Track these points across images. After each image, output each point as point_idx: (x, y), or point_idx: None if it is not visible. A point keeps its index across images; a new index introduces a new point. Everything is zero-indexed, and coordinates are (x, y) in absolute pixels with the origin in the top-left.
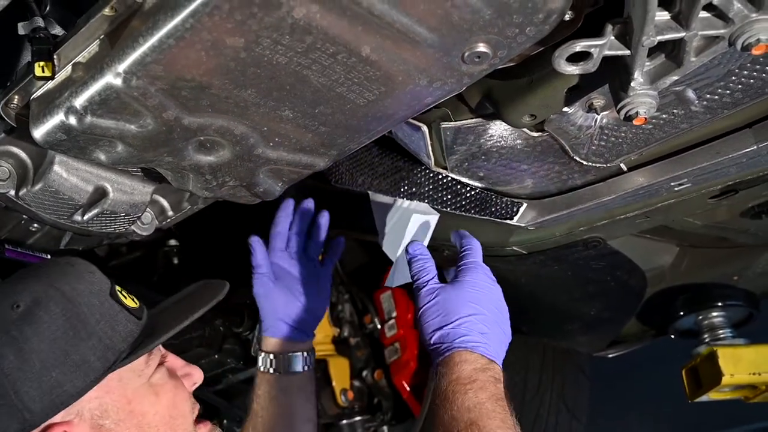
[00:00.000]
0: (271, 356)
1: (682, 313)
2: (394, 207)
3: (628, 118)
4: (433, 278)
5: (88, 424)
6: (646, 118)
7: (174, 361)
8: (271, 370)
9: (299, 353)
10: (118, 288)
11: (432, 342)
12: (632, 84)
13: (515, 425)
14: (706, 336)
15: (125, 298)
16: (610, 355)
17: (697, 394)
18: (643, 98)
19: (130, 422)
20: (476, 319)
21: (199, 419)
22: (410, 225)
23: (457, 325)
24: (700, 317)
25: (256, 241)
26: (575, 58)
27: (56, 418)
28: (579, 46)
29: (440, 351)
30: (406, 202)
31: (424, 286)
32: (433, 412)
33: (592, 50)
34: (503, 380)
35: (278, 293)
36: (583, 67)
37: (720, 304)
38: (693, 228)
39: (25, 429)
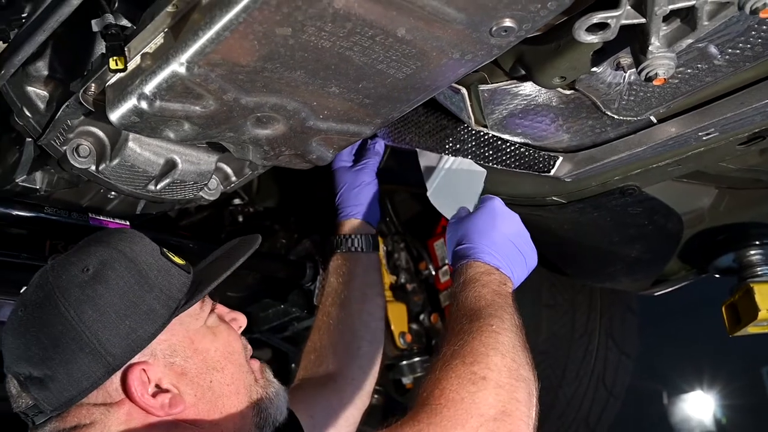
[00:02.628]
0: (353, 236)
1: (721, 252)
2: (440, 163)
3: (649, 79)
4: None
5: (162, 363)
6: (665, 79)
7: (221, 308)
8: (353, 249)
9: (372, 235)
10: (165, 249)
11: (452, 261)
12: (650, 48)
13: (515, 314)
14: (744, 273)
15: (173, 256)
16: (656, 294)
17: (736, 328)
18: (661, 60)
19: (196, 358)
20: (485, 237)
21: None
22: (461, 180)
23: (468, 242)
24: (739, 255)
25: None
26: (595, 28)
27: (134, 360)
28: (597, 17)
29: (454, 264)
30: (451, 159)
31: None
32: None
33: (609, 20)
34: (511, 287)
35: (350, 186)
36: (602, 36)
37: (757, 242)
38: (727, 172)
39: (109, 371)
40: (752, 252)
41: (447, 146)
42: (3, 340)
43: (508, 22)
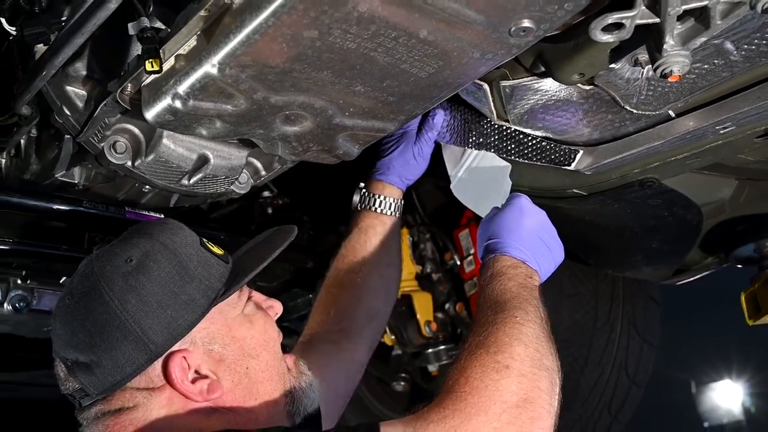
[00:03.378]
0: (383, 197)
1: (741, 242)
2: (464, 157)
3: (664, 76)
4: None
5: (201, 350)
6: (680, 76)
7: (258, 296)
8: (389, 213)
9: (400, 200)
10: (204, 240)
11: (481, 256)
12: (665, 46)
13: (540, 307)
14: (764, 263)
15: (212, 247)
16: (678, 283)
17: (756, 317)
18: (676, 58)
19: (234, 346)
20: (513, 232)
21: (285, 353)
22: (485, 174)
23: (496, 237)
24: (759, 245)
25: None
26: (610, 27)
27: (174, 347)
28: (612, 18)
29: (483, 260)
30: (474, 153)
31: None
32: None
33: (624, 21)
34: (538, 280)
35: (383, 144)
36: (617, 36)
37: None
38: (747, 164)
39: (151, 358)
40: None
41: (471, 140)
42: (52, 326)
43: (526, 23)
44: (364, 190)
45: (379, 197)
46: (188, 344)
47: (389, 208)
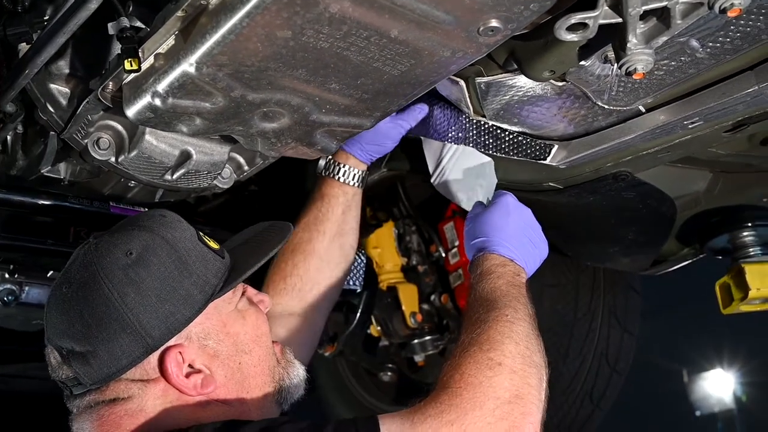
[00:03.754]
0: (347, 168)
1: (716, 234)
2: (444, 152)
3: (629, 74)
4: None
5: (196, 345)
6: (644, 73)
7: (250, 290)
8: (353, 183)
9: (365, 172)
10: (201, 233)
11: (470, 254)
12: (628, 45)
13: (528, 304)
14: (736, 254)
15: (209, 241)
16: (656, 274)
17: (729, 306)
18: (639, 56)
19: (227, 341)
20: (500, 231)
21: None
22: (467, 169)
23: (484, 235)
24: (732, 237)
25: None
26: (575, 27)
27: (171, 342)
28: (575, 18)
29: (470, 258)
30: (454, 148)
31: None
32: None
33: (588, 20)
34: (524, 277)
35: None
36: (581, 35)
37: (749, 224)
38: (718, 157)
39: (148, 351)
40: (745, 233)
41: (450, 135)
42: (46, 313)
43: (494, 23)
44: (330, 158)
45: (343, 167)
46: (184, 339)
47: (353, 179)
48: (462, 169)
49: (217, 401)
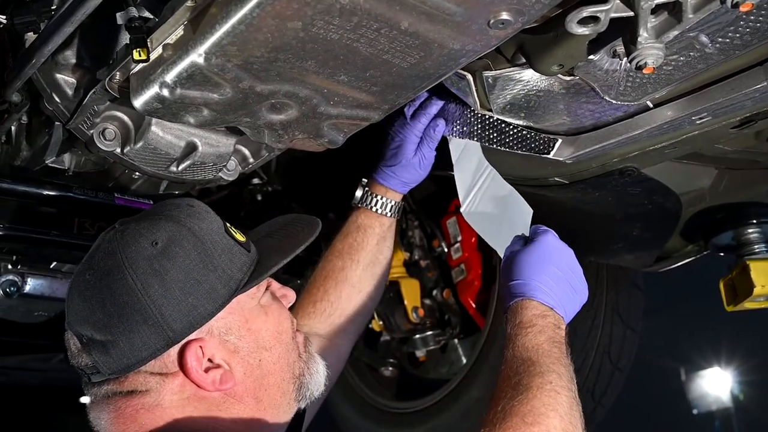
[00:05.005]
0: (384, 199)
1: (720, 230)
2: (476, 180)
3: (639, 68)
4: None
5: (217, 340)
6: (654, 68)
7: (274, 284)
8: (389, 214)
9: (401, 202)
10: (228, 225)
11: (505, 295)
12: (639, 39)
13: (569, 366)
14: (741, 251)
15: (235, 233)
16: (660, 270)
17: (733, 304)
18: (650, 50)
19: (249, 338)
20: (541, 274)
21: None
22: (497, 199)
23: (523, 278)
24: (737, 234)
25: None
26: (586, 20)
27: (192, 336)
28: (587, 11)
29: (509, 301)
30: (485, 176)
31: (506, 253)
32: (501, 353)
33: (599, 14)
34: (565, 328)
35: (388, 146)
36: (593, 28)
37: (754, 221)
38: (724, 153)
39: (168, 344)
40: (749, 230)
41: (455, 129)
42: (68, 298)
43: (505, 15)
44: (366, 189)
45: (380, 198)
46: (205, 333)
47: (389, 210)
48: (491, 199)
49: (234, 399)
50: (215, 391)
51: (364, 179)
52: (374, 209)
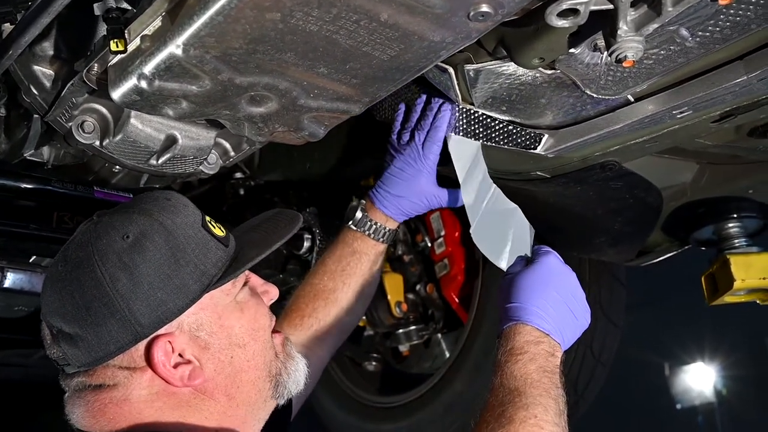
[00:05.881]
0: (381, 227)
1: (701, 225)
2: (483, 201)
3: (619, 61)
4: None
5: (187, 336)
6: (634, 61)
7: (255, 280)
8: (382, 240)
9: (396, 229)
10: (207, 218)
11: (500, 317)
12: (619, 32)
13: (560, 397)
14: (722, 245)
15: (214, 227)
16: (642, 265)
17: (713, 298)
18: (629, 43)
19: (221, 334)
20: (538, 298)
21: (275, 330)
22: (499, 216)
23: (519, 301)
24: (717, 228)
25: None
26: (566, 13)
27: (161, 331)
28: (566, 4)
29: (503, 325)
30: (489, 194)
31: (505, 274)
32: (490, 379)
33: (578, 6)
34: (560, 356)
35: (397, 174)
36: (572, 21)
37: (735, 215)
38: (705, 148)
39: (136, 339)
40: (730, 225)
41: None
42: (43, 289)
43: (484, 8)
44: (365, 213)
45: (376, 224)
46: (175, 328)
47: (383, 237)
48: (495, 217)
49: (204, 396)
50: (184, 387)
51: (362, 201)
52: (370, 234)
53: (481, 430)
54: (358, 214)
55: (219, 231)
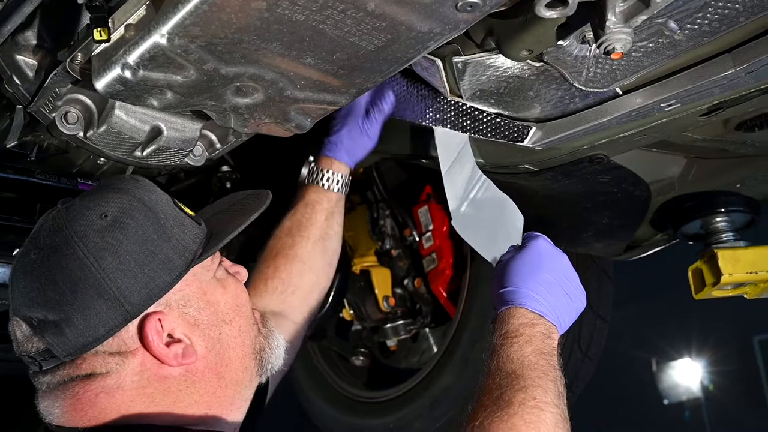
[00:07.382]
0: (330, 173)
1: (689, 219)
2: (467, 191)
3: (607, 53)
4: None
5: (176, 313)
6: (622, 53)
7: (226, 261)
8: (336, 189)
9: (348, 176)
10: (175, 199)
11: (494, 304)
12: (607, 23)
13: (558, 379)
14: (709, 239)
15: (184, 207)
16: (630, 259)
17: (701, 292)
18: (618, 35)
19: (208, 310)
20: (530, 280)
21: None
22: (488, 208)
23: (512, 285)
24: (705, 222)
25: None
26: (554, 4)
27: (150, 309)
28: None
29: (498, 309)
30: (478, 185)
31: (499, 261)
32: (484, 363)
33: None
34: (558, 338)
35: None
36: (561, 12)
37: (722, 210)
38: (693, 142)
39: (127, 319)
40: (718, 219)
41: (428, 116)
42: (12, 283)
43: None
44: (312, 165)
45: (327, 172)
46: (163, 306)
47: (336, 184)
48: (483, 208)
49: (195, 377)
50: (178, 366)
51: (310, 156)
52: (321, 184)
53: (478, 415)
54: (305, 169)
55: (189, 211)
